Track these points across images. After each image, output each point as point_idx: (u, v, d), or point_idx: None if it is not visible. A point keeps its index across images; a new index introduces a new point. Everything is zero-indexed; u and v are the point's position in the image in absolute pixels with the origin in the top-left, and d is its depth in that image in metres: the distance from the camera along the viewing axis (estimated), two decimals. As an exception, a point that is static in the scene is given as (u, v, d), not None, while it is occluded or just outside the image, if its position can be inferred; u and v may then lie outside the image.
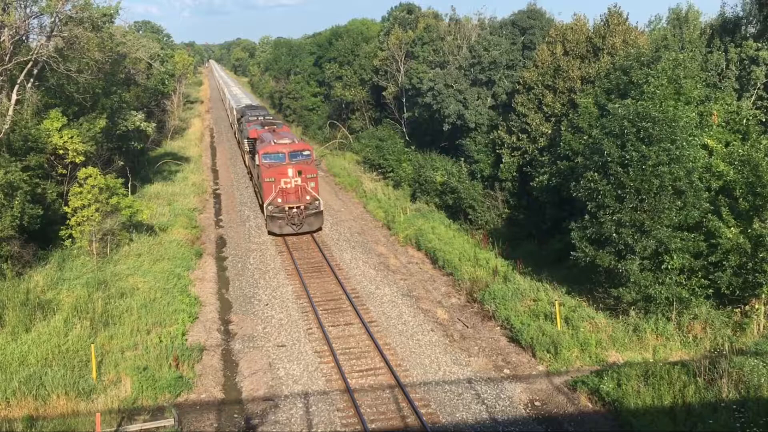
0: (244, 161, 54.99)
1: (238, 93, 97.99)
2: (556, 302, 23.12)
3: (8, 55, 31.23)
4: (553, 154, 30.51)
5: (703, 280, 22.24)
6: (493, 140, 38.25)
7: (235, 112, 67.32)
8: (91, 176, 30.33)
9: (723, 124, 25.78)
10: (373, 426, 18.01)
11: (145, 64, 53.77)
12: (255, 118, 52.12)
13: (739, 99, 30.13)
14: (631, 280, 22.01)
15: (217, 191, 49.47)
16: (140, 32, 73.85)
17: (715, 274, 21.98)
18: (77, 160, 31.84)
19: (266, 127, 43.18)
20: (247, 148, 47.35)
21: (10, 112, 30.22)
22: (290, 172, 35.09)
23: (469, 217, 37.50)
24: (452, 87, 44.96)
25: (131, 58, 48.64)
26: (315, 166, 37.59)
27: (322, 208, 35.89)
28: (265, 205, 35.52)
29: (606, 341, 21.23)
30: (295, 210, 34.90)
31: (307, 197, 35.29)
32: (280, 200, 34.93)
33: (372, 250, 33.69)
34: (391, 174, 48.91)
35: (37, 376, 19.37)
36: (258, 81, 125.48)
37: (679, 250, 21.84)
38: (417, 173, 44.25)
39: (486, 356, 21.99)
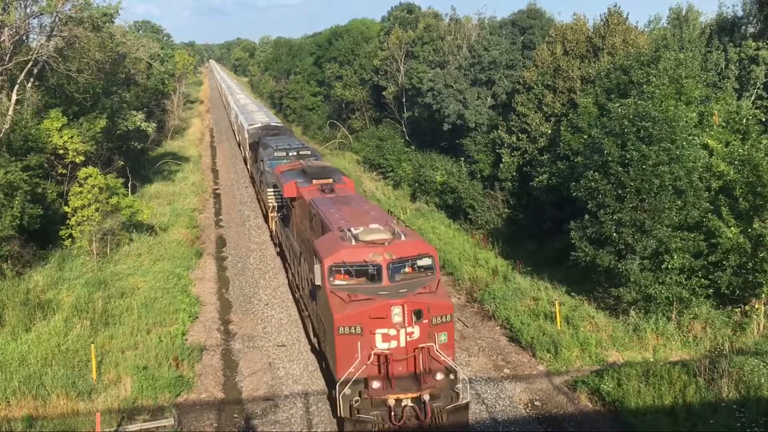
0: (263, 211, 38.25)
1: (248, 104, 75.29)
2: (556, 302, 23.11)
3: (8, 55, 31.25)
4: (553, 153, 30.52)
5: (703, 279, 22.23)
6: (493, 140, 38.24)
7: (246, 135, 49.36)
8: (91, 176, 30.32)
9: (723, 123, 25.79)
10: (373, 426, 17.83)
11: (145, 64, 53.76)
12: (284, 153, 35.22)
13: (739, 99, 30.13)
14: (631, 279, 22.00)
15: (217, 191, 49.46)
16: (140, 32, 73.84)
17: (715, 273, 21.98)
18: (77, 160, 31.83)
19: (315, 182, 24.37)
20: (270, 201, 32.77)
21: (10, 112, 30.23)
22: (396, 315, 16.16)
23: (469, 216, 37.49)
24: (452, 87, 44.97)
25: (131, 58, 48.64)
26: (445, 291, 18.65)
27: (467, 397, 16.59)
28: (339, 390, 16.18)
29: (606, 341, 21.22)
30: (410, 404, 15.98)
31: (438, 375, 16.22)
32: (377, 384, 16.01)
33: (372, 249, 33.57)
34: (391, 174, 48.92)
35: (37, 375, 19.35)
36: (258, 81, 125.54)
37: (679, 249, 21.84)
38: (417, 173, 44.26)
39: (486, 356, 21.98)
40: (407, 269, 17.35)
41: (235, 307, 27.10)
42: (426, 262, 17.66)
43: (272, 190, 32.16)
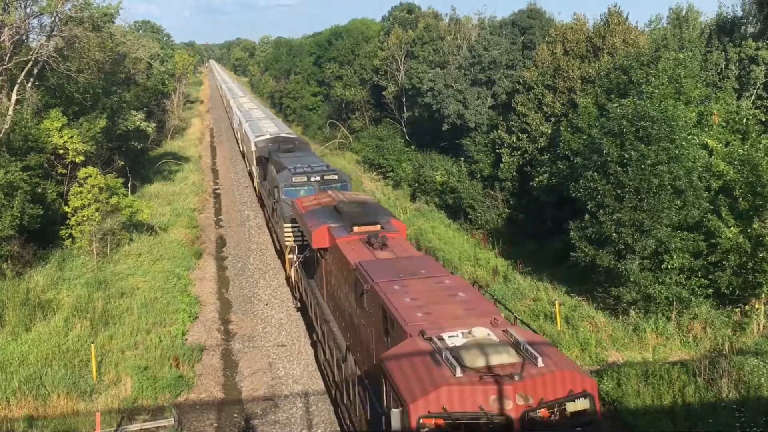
0: (276, 245, 31.88)
1: (253, 109, 63.46)
2: (556, 302, 23.12)
3: (8, 55, 31.24)
4: (553, 153, 30.53)
5: (702, 279, 22.24)
6: (493, 140, 38.25)
7: (253, 147, 42.14)
8: (91, 176, 30.34)
9: (723, 123, 25.80)
10: (373, 426, 17.69)
11: (145, 63, 53.75)
12: (304, 178, 27.86)
13: (738, 98, 30.13)
14: (631, 279, 22.01)
15: (217, 191, 49.48)
16: (140, 32, 73.84)
17: (715, 273, 21.98)
18: (77, 160, 31.84)
19: (357, 230, 17.88)
20: (288, 240, 25.65)
21: (10, 112, 30.22)
22: None
23: (469, 216, 37.50)
24: (452, 87, 44.95)
25: (131, 58, 48.63)
26: None
27: None
28: None
29: (606, 341, 21.24)
30: None
31: None
32: None
33: (372, 249, 33.56)
34: (391, 174, 48.94)
35: (37, 375, 19.36)
36: (258, 81, 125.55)
37: (679, 249, 21.84)
38: (417, 173, 44.27)
39: (486, 356, 21.95)
40: (543, 411, 9.87)
41: (235, 307, 27.10)
42: (582, 404, 10.22)
43: (290, 226, 25.34)
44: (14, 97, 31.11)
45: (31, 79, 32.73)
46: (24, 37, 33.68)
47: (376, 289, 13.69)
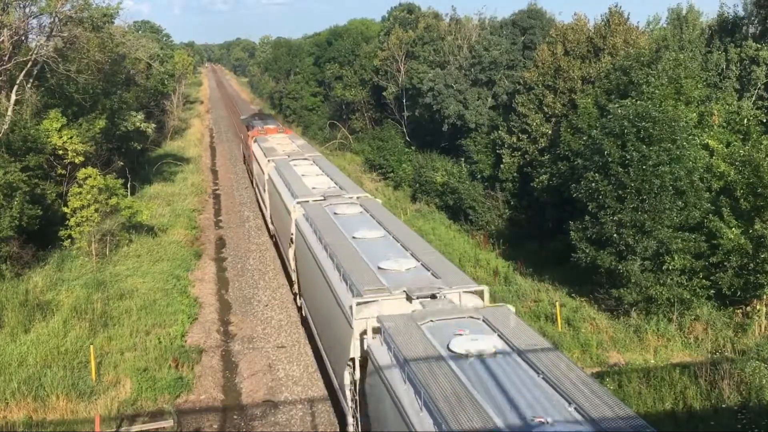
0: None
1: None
2: (557, 303, 23.05)
3: (8, 55, 31.17)
4: (554, 154, 30.48)
5: (704, 280, 22.19)
6: (494, 140, 38.21)
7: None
8: (90, 177, 30.27)
9: (724, 124, 25.75)
10: (373, 427, 17.64)
11: (145, 64, 53.64)
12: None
13: (739, 99, 30.06)
14: (632, 280, 21.96)
15: (217, 192, 49.39)
16: (140, 32, 73.71)
17: (717, 274, 21.94)
18: (77, 161, 31.76)
19: None
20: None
21: (10, 112, 30.16)
22: None
23: (470, 217, 37.44)
24: (452, 87, 44.90)
25: (131, 59, 48.53)
26: None
27: None
28: None
29: (607, 342, 21.17)
30: None
31: None
32: None
33: (372, 250, 33.46)
34: (392, 174, 48.86)
35: (36, 377, 19.31)
36: (258, 81, 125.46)
37: (680, 250, 21.79)
38: (417, 174, 44.21)
39: (486, 357, 21.88)
40: None
41: (235, 308, 27.03)
42: None
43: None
44: (13, 97, 31.04)
45: (31, 80, 32.66)
46: (23, 38, 33.63)
47: None
